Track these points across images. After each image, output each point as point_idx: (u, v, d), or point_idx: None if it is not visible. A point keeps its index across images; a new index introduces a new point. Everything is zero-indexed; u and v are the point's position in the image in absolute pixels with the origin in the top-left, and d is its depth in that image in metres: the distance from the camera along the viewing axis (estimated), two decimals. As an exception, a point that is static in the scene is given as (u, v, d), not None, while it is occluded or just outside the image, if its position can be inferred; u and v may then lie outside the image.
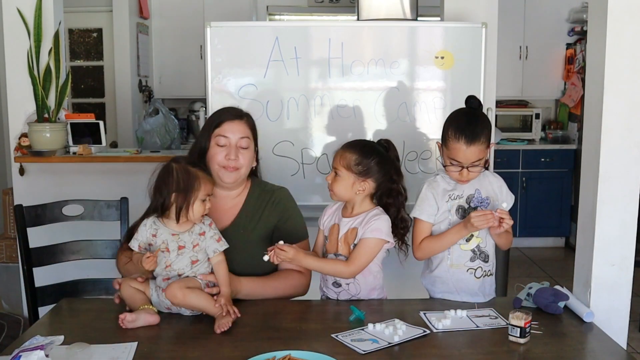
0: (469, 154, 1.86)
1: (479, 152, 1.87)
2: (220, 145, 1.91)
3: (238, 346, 1.57)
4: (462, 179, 1.91)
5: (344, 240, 1.90)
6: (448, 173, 1.94)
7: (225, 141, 1.91)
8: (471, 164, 1.87)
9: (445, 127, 1.92)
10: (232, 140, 1.92)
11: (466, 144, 1.85)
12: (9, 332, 2.94)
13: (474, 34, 2.91)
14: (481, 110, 1.97)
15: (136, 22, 5.20)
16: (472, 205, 1.94)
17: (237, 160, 1.91)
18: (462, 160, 1.87)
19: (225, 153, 1.91)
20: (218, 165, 1.91)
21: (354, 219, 1.91)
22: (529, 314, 1.61)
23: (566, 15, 5.49)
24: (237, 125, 1.94)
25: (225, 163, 1.91)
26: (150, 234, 1.75)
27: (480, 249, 1.94)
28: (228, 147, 1.91)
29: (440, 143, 1.95)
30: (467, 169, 1.88)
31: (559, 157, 5.40)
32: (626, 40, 1.84)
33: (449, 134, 1.89)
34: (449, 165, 1.91)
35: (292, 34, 2.91)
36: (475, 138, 1.85)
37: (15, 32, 3.14)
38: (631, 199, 1.90)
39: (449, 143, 1.89)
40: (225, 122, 1.93)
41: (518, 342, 1.60)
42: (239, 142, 1.93)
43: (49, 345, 1.38)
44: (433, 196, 1.95)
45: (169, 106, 4.58)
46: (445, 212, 1.94)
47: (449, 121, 1.93)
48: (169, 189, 1.73)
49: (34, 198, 2.71)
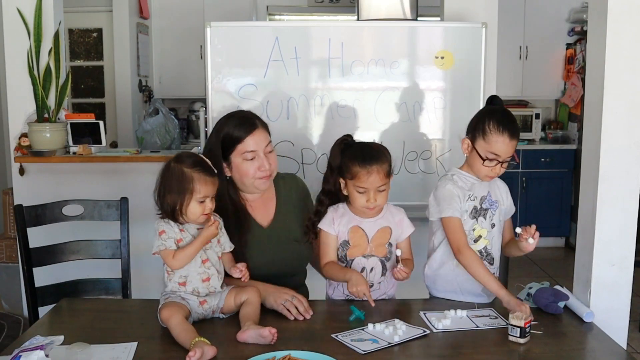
0: (510, 147, 1.85)
1: (515, 147, 1.87)
2: (249, 160, 1.90)
3: (238, 346, 1.57)
4: (492, 175, 1.89)
5: (376, 241, 1.89)
6: (478, 170, 1.89)
7: (253, 154, 1.90)
8: (506, 159, 1.87)
9: (483, 120, 1.86)
10: (259, 151, 1.91)
11: (510, 137, 1.84)
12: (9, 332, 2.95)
13: (474, 34, 2.91)
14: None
15: (136, 22, 5.20)
16: (483, 206, 1.93)
17: (270, 167, 1.93)
18: (502, 153, 1.85)
19: (257, 165, 1.91)
20: (253, 178, 1.92)
21: (378, 218, 1.90)
22: (530, 315, 1.61)
23: (566, 15, 5.50)
24: (257, 135, 1.91)
25: (260, 175, 1.92)
26: (178, 228, 1.73)
27: (487, 250, 1.94)
28: (257, 159, 1.91)
29: (470, 138, 1.91)
30: (502, 165, 1.87)
31: (559, 157, 5.40)
32: (626, 40, 1.84)
33: (489, 127, 1.85)
34: (486, 159, 1.86)
35: (292, 34, 2.91)
36: (516, 132, 1.86)
37: (15, 32, 3.14)
38: (631, 199, 1.90)
39: (489, 136, 1.85)
40: (246, 137, 1.90)
41: (518, 342, 1.60)
42: (265, 149, 1.92)
43: (49, 345, 1.38)
44: (457, 194, 1.91)
45: (169, 106, 4.58)
46: (462, 211, 1.91)
47: (487, 116, 1.88)
48: (165, 189, 1.72)
49: (34, 198, 2.71)
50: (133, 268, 2.35)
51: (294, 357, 1.47)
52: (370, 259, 1.89)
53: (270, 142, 1.96)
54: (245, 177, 1.92)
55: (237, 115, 1.99)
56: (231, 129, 1.92)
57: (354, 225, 1.90)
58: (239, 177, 1.93)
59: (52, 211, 2.37)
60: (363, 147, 1.89)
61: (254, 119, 1.95)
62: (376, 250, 1.89)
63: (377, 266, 1.89)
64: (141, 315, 1.83)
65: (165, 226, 1.72)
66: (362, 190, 1.83)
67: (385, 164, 1.84)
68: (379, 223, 1.90)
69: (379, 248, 1.89)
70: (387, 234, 1.90)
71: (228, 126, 1.93)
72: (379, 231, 1.90)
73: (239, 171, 1.92)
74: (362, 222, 1.90)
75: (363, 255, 1.89)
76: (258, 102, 2.87)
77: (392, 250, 1.90)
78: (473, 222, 1.92)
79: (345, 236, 1.91)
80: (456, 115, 2.93)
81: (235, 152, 1.90)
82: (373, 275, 1.90)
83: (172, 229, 1.72)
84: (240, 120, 1.94)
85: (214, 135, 1.96)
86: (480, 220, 1.93)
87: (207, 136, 2.96)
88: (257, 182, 1.93)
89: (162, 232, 1.71)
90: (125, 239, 2.34)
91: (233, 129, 1.92)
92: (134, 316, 1.86)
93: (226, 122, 1.95)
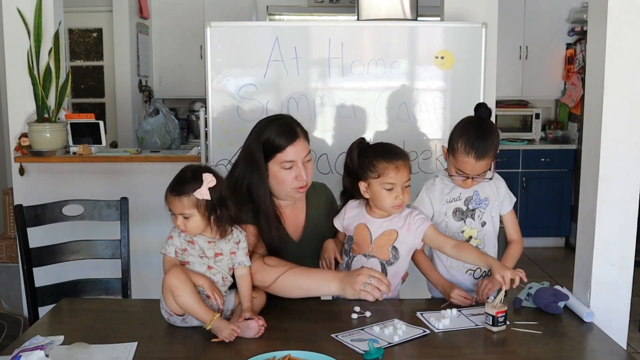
0: (477, 167, 1.85)
1: (486, 165, 1.86)
2: (287, 169, 1.87)
3: (238, 346, 1.57)
4: (465, 187, 1.92)
5: (379, 242, 1.88)
6: (452, 179, 1.93)
7: (292, 164, 1.87)
8: (477, 175, 1.87)
9: (454, 137, 1.87)
10: (298, 161, 1.88)
11: (475, 159, 1.83)
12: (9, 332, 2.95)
13: (474, 34, 2.91)
14: (490, 120, 1.93)
15: (136, 22, 5.20)
16: (470, 207, 1.94)
17: (307, 177, 1.90)
18: (469, 172, 1.86)
19: (294, 175, 1.87)
20: (290, 188, 1.89)
21: (386, 220, 1.88)
22: (505, 305, 1.66)
23: (566, 15, 5.50)
24: (298, 145, 1.87)
25: (297, 184, 1.88)
26: (186, 240, 1.70)
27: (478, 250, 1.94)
28: (295, 168, 1.87)
29: (447, 149, 1.93)
30: (472, 179, 1.88)
31: (559, 157, 5.40)
32: (626, 40, 1.84)
33: (458, 146, 1.84)
34: (455, 175, 1.89)
35: (292, 34, 2.91)
36: (485, 153, 1.83)
37: (15, 32, 3.14)
38: (631, 199, 1.90)
39: (457, 155, 1.85)
40: (287, 147, 1.85)
41: (491, 330, 1.65)
42: (304, 159, 1.89)
43: (49, 345, 1.38)
44: (429, 200, 1.96)
45: (169, 106, 4.58)
46: (441, 214, 1.95)
47: (459, 132, 1.87)
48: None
49: (34, 198, 2.71)
50: (133, 268, 2.35)
51: (294, 357, 1.47)
52: (371, 259, 1.89)
53: (309, 151, 1.92)
54: (281, 185, 1.88)
55: (279, 121, 1.92)
56: (273, 135, 1.86)
57: (361, 224, 1.90)
58: (275, 184, 1.89)
59: (52, 211, 2.37)
60: (384, 145, 1.89)
61: (295, 127, 1.90)
62: (378, 252, 1.88)
63: (376, 267, 1.88)
64: (141, 315, 1.83)
65: (174, 232, 1.72)
66: (390, 187, 1.81)
67: (408, 161, 1.85)
68: (386, 225, 1.89)
69: (381, 250, 1.88)
70: (393, 236, 1.88)
71: (269, 132, 1.87)
72: (384, 234, 1.88)
73: (276, 179, 1.88)
74: (370, 221, 1.90)
75: (364, 254, 1.90)
76: (258, 102, 2.87)
77: (397, 254, 1.89)
78: (460, 224, 1.94)
79: (351, 232, 1.92)
80: (456, 115, 2.89)
81: (274, 160, 1.86)
82: None
83: (178, 237, 1.71)
84: (283, 128, 1.88)
85: (254, 139, 1.90)
86: (468, 221, 1.94)
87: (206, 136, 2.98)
88: (293, 191, 1.90)
89: (170, 237, 1.72)
90: (125, 239, 2.34)
91: (275, 135, 1.86)
92: (134, 316, 1.86)
93: (267, 126, 1.89)
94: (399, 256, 1.88)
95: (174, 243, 1.71)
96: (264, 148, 1.86)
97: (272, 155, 1.86)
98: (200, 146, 3.21)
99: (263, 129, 1.90)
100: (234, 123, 2.83)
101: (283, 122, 1.91)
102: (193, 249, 1.70)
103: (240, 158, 1.93)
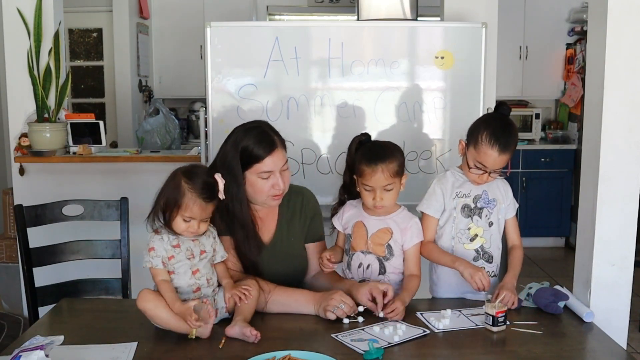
0: (498, 161, 1.85)
1: (506, 160, 1.87)
2: (264, 179, 1.86)
3: (238, 346, 1.57)
4: (480, 182, 1.91)
5: (375, 239, 1.90)
6: (467, 173, 1.92)
7: (269, 174, 1.86)
8: (494, 170, 1.88)
9: (479, 129, 1.87)
10: (276, 171, 1.87)
11: (499, 152, 1.83)
12: (9, 332, 2.95)
13: (474, 34, 2.91)
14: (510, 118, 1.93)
15: (136, 22, 5.20)
16: (478, 205, 1.93)
17: (284, 185, 1.89)
18: (489, 166, 1.86)
19: (271, 183, 1.86)
20: (266, 196, 1.88)
21: (382, 218, 1.90)
22: (505, 305, 1.67)
23: (566, 15, 5.49)
24: (276, 155, 1.85)
25: (273, 192, 1.87)
26: (170, 245, 1.68)
27: (484, 249, 1.95)
28: (273, 177, 1.86)
29: (465, 143, 1.92)
30: (490, 174, 1.88)
31: (559, 157, 5.40)
32: (626, 40, 1.84)
33: (482, 137, 1.84)
34: (473, 167, 1.89)
35: (292, 34, 2.91)
36: (507, 147, 1.84)
37: (15, 32, 3.14)
38: (631, 199, 1.90)
39: (480, 147, 1.85)
40: (266, 157, 1.84)
41: (491, 330, 1.65)
42: (281, 168, 1.88)
43: (49, 345, 1.37)
44: (441, 192, 1.95)
45: (169, 106, 4.58)
46: (451, 209, 1.95)
47: (484, 125, 1.87)
48: (163, 192, 1.69)
49: (34, 198, 2.71)
50: (133, 268, 2.35)
51: (294, 357, 1.47)
52: (368, 255, 1.91)
53: (286, 160, 1.91)
54: (258, 193, 1.88)
55: (256, 130, 1.89)
56: (251, 144, 1.84)
57: (359, 221, 1.93)
58: (252, 192, 1.88)
59: (52, 211, 2.36)
60: (372, 146, 1.91)
61: (273, 136, 1.88)
62: (374, 248, 1.90)
63: (373, 264, 1.90)
64: (141, 315, 1.82)
65: (156, 242, 1.68)
66: (368, 189, 1.86)
67: (393, 164, 1.84)
68: (382, 223, 1.91)
69: (377, 247, 1.90)
70: (387, 235, 1.90)
71: (247, 141, 1.85)
72: (380, 230, 1.90)
73: (252, 187, 1.87)
74: (367, 218, 1.92)
75: (362, 250, 1.91)
76: (258, 102, 2.87)
77: (392, 252, 1.90)
78: (468, 220, 1.94)
79: (349, 230, 1.95)
80: (456, 115, 2.93)
81: (252, 170, 1.84)
82: (370, 273, 1.91)
83: (162, 246, 1.67)
84: (260, 137, 1.86)
85: (231, 148, 1.87)
86: (475, 219, 1.94)
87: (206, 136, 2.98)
88: (269, 199, 1.89)
89: (152, 249, 1.67)
90: (125, 239, 2.34)
91: (253, 145, 1.84)
92: (134, 316, 1.85)
93: (245, 135, 1.87)
94: (394, 253, 1.90)
95: (159, 254, 1.67)
96: (242, 157, 1.84)
97: (249, 165, 1.84)
98: (200, 146, 3.21)
99: (240, 137, 1.87)
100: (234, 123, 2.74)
101: (261, 131, 1.88)
102: (180, 253, 1.68)
103: (217, 166, 1.89)
